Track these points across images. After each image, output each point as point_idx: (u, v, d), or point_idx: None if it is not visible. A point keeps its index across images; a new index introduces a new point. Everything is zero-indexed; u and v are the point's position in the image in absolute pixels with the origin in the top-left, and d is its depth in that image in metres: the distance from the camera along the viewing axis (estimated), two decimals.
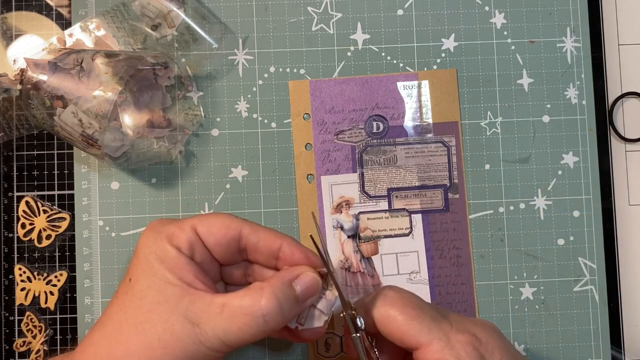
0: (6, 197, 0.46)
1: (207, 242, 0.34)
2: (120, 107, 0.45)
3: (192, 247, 0.34)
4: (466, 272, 0.46)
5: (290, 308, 0.33)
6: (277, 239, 0.35)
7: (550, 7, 0.48)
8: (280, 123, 0.47)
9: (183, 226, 0.34)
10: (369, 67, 0.47)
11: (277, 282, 0.33)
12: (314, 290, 0.34)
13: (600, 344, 0.46)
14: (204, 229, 0.34)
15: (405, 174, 0.47)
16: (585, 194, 0.47)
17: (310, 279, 0.34)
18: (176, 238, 0.34)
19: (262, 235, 0.35)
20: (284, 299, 0.32)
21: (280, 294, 0.32)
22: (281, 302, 0.32)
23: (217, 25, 0.47)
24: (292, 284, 0.34)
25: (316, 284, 0.34)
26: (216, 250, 0.35)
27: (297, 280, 0.34)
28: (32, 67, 0.42)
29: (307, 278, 0.34)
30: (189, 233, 0.34)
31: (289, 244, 0.35)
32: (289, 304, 0.33)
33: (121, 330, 0.33)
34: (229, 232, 0.35)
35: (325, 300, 0.35)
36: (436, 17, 0.48)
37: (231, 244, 0.35)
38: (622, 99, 0.49)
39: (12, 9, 0.47)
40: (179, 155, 0.47)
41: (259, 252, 0.35)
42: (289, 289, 0.33)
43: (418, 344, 0.33)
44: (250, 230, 0.35)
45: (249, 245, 0.35)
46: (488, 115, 0.47)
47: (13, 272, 0.46)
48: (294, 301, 0.33)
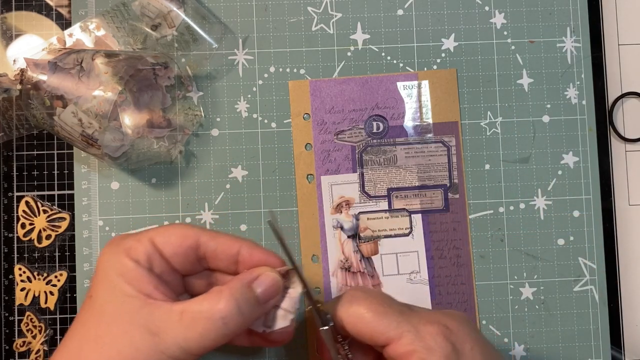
0: (6, 197, 0.46)
1: (165, 252, 0.34)
2: (120, 107, 0.45)
3: (150, 258, 0.34)
4: (466, 272, 0.46)
5: (251, 310, 0.33)
6: (235, 243, 0.35)
7: (550, 7, 0.48)
8: (280, 123, 0.47)
9: (140, 239, 0.34)
10: (369, 67, 0.47)
11: (236, 285, 0.33)
12: (275, 290, 0.34)
13: (600, 344, 0.46)
14: (161, 240, 0.34)
15: (405, 174, 0.47)
16: (585, 194, 0.47)
17: (270, 279, 0.34)
18: (134, 251, 0.34)
19: (220, 241, 0.35)
20: (242, 301, 0.32)
21: (238, 296, 0.32)
22: (240, 303, 0.32)
23: (217, 25, 0.47)
24: (252, 285, 0.33)
25: (276, 284, 0.34)
26: (175, 260, 0.35)
27: (256, 282, 0.34)
28: (32, 67, 0.42)
29: (267, 278, 0.34)
30: (147, 245, 0.34)
31: (247, 247, 0.35)
32: (248, 305, 0.33)
33: (81, 347, 0.33)
34: (186, 241, 0.35)
35: (289, 298, 0.34)
36: (436, 17, 0.48)
37: (189, 253, 0.35)
38: (622, 99, 0.49)
39: (12, 9, 0.47)
40: (179, 155, 0.47)
41: (218, 258, 0.35)
42: (248, 290, 0.33)
43: (388, 339, 0.33)
44: (208, 237, 0.35)
45: (208, 253, 0.35)
46: (488, 115, 0.47)
47: (13, 272, 0.46)
48: (254, 302, 0.33)
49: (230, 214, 0.46)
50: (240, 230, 0.46)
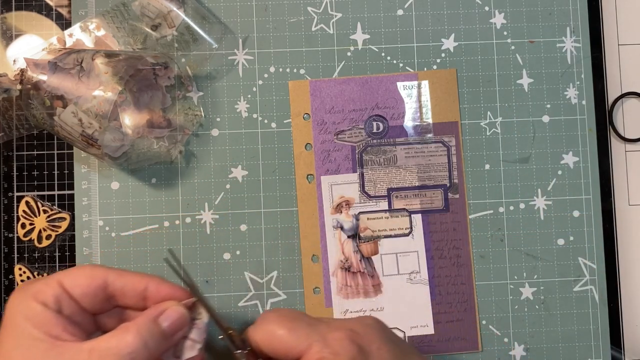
0: (6, 197, 0.46)
1: (74, 294, 0.35)
2: (120, 107, 0.45)
3: (59, 300, 0.34)
4: (466, 272, 0.46)
5: (157, 344, 0.34)
6: (142, 280, 0.36)
7: (550, 7, 0.48)
8: (280, 123, 0.47)
9: (48, 282, 0.35)
10: (369, 67, 0.47)
11: (142, 320, 0.34)
12: (181, 323, 0.35)
13: (600, 344, 0.46)
14: (69, 282, 0.35)
15: (405, 174, 0.47)
16: (585, 194, 0.47)
17: (176, 313, 0.35)
18: (42, 294, 0.34)
19: (127, 280, 0.36)
20: (148, 336, 0.33)
21: (144, 331, 0.33)
22: (146, 338, 0.33)
23: (217, 25, 0.47)
24: (158, 320, 0.34)
25: (182, 317, 0.35)
26: (84, 300, 0.35)
27: (162, 316, 0.35)
28: (32, 67, 0.42)
29: (173, 313, 0.35)
30: (55, 288, 0.34)
31: (154, 283, 0.36)
32: (154, 340, 0.33)
33: None
34: (94, 281, 0.35)
35: (196, 329, 0.36)
36: (436, 17, 0.48)
37: (98, 293, 0.35)
38: (622, 99, 0.49)
39: (12, 9, 0.47)
40: (179, 155, 0.47)
41: (126, 296, 0.36)
42: (154, 325, 0.34)
43: (300, 352, 0.34)
44: (115, 276, 0.36)
45: (116, 291, 0.36)
46: (488, 115, 0.47)
47: (13, 272, 0.46)
48: (161, 337, 0.34)
49: (230, 214, 0.46)
50: (240, 230, 0.46)
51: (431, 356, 0.46)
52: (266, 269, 0.46)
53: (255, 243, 0.46)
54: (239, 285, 0.46)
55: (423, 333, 0.46)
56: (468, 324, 0.46)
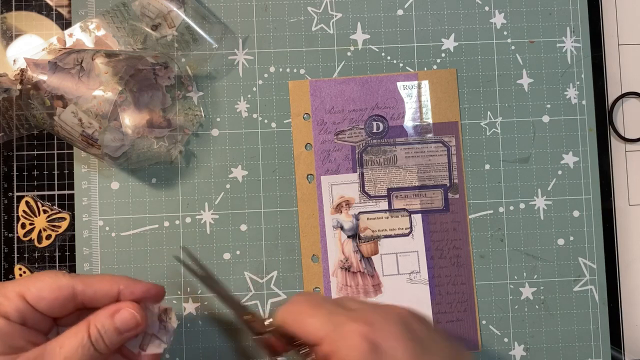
0: (6, 197, 0.46)
1: (39, 307, 0.35)
2: (120, 107, 0.45)
3: (22, 314, 0.34)
4: (466, 272, 0.46)
5: (112, 338, 0.35)
6: (113, 284, 0.37)
7: (550, 7, 0.48)
8: (280, 123, 0.47)
9: (8, 294, 0.34)
10: (369, 67, 0.47)
11: (100, 316, 0.36)
12: (133, 323, 0.36)
13: (600, 344, 0.46)
14: (32, 295, 0.35)
15: (405, 174, 0.47)
16: (585, 194, 0.47)
17: (127, 314, 0.36)
18: (3, 307, 0.34)
19: (97, 287, 0.36)
20: (104, 330, 0.35)
21: (100, 326, 0.35)
22: (102, 332, 0.35)
23: (217, 25, 0.47)
24: (114, 317, 0.36)
25: (133, 317, 0.36)
26: (50, 311, 0.35)
27: (117, 315, 0.36)
28: (32, 67, 0.42)
29: (125, 313, 0.36)
30: (16, 301, 0.34)
31: (126, 286, 0.37)
32: (109, 333, 0.35)
33: None
34: (61, 293, 0.35)
35: (165, 331, 0.38)
36: (436, 17, 0.48)
37: (66, 304, 0.36)
38: (622, 99, 0.49)
39: (12, 9, 0.47)
40: (179, 155, 0.47)
41: (99, 302, 0.36)
42: (110, 321, 0.36)
43: (317, 339, 0.34)
44: (83, 285, 0.36)
45: (86, 300, 0.36)
46: (488, 115, 0.47)
47: (13, 272, 0.46)
48: (115, 332, 0.35)
49: (230, 214, 0.46)
50: (240, 230, 0.46)
51: None
52: (266, 269, 0.46)
53: (255, 243, 0.46)
54: (239, 285, 0.46)
55: None
56: (468, 324, 0.46)
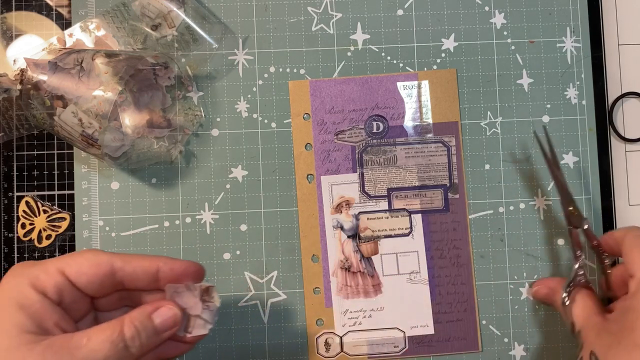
0: (6, 197, 0.46)
1: (78, 283, 0.34)
2: (120, 107, 0.45)
3: (60, 291, 0.33)
4: (466, 272, 0.46)
5: (149, 338, 0.34)
6: (152, 262, 0.36)
7: (550, 7, 0.48)
8: (280, 123, 0.47)
9: (48, 269, 0.33)
10: (369, 67, 0.47)
11: (137, 314, 0.34)
12: (173, 322, 0.35)
13: None
14: (73, 271, 0.34)
15: (405, 174, 0.47)
16: (585, 194, 0.47)
17: (168, 312, 0.35)
18: (41, 282, 0.33)
19: (136, 264, 0.35)
20: (142, 328, 0.34)
21: (138, 324, 0.34)
22: (139, 330, 0.34)
23: (217, 25, 0.47)
24: (152, 316, 0.35)
25: (173, 317, 0.35)
26: (89, 288, 0.34)
27: (156, 313, 0.35)
28: (32, 67, 0.42)
29: (166, 311, 0.35)
30: (56, 276, 0.33)
31: (165, 264, 0.36)
32: (147, 333, 0.34)
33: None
34: (101, 269, 0.34)
35: (208, 311, 0.37)
36: (436, 17, 0.48)
37: (105, 281, 0.35)
38: (622, 99, 0.49)
39: (12, 9, 0.47)
40: (179, 155, 0.47)
41: (138, 280, 0.35)
42: (148, 320, 0.34)
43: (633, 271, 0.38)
44: (123, 262, 0.35)
45: (125, 277, 0.35)
46: (488, 115, 0.47)
47: None
48: (152, 331, 0.34)
49: (230, 214, 0.46)
50: (240, 230, 0.46)
51: (431, 356, 0.46)
52: (266, 269, 0.46)
53: (255, 243, 0.46)
54: (239, 285, 0.46)
55: (423, 333, 0.46)
56: (468, 324, 0.46)
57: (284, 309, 0.46)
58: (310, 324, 0.46)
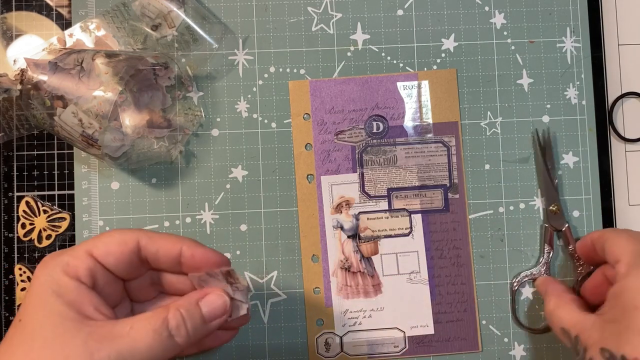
0: (6, 197, 0.46)
1: (107, 263, 0.33)
2: (120, 107, 0.45)
3: (92, 273, 0.33)
4: (466, 272, 0.46)
5: (197, 327, 0.33)
6: (176, 244, 0.35)
7: (550, 7, 0.48)
8: (280, 123, 0.47)
9: (77, 254, 0.33)
10: (369, 67, 0.47)
11: (183, 302, 0.34)
12: (221, 310, 0.34)
13: None
14: (100, 252, 0.33)
15: (405, 174, 0.47)
16: (585, 194, 0.47)
17: (217, 299, 0.34)
18: (73, 268, 0.32)
19: (161, 243, 0.35)
20: (188, 317, 0.33)
21: (185, 312, 0.33)
22: (185, 319, 0.33)
23: (217, 26, 0.47)
24: (199, 303, 0.34)
25: (223, 303, 0.34)
26: (118, 268, 0.34)
27: (203, 300, 0.34)
28: (32, 67, 0.42)
29: (214, 298, 0.34)
30: (86, 260, 0.33)
31: (188, 247, 0.35)
32: (193, 321, 0.33)
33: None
34: (127, 247, 0.34)
35: (240, 292, 0.35)
36: (436, 17, 0.48)
37: (132, 259, 0.34)
38: (622, 99, 0.49)
39: (12, 9, 0.47)
40: (179, 155, 0.47)
41: (160, 260, 0.35)
42: (195, 308, 0.33)
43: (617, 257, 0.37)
44: (148, 239, 0.34)
45: (149, 255, 0.34)
46: (488, 115, 0.47)
47: (13, 272, 0.46)
48: (200, 320, 0.33)
49: (230, 214, 0.46)
50: (240, 230, 0.46)
51: (431, 356, 0.46)
52: (266, 269, 0.46)
53: (255, 243, 0.46)
54: None
55: (423, 333, 0.46)
56: (468, 324, 0.46)
57: (284, 309, 0.46)
58: (310, 324, 0.46)
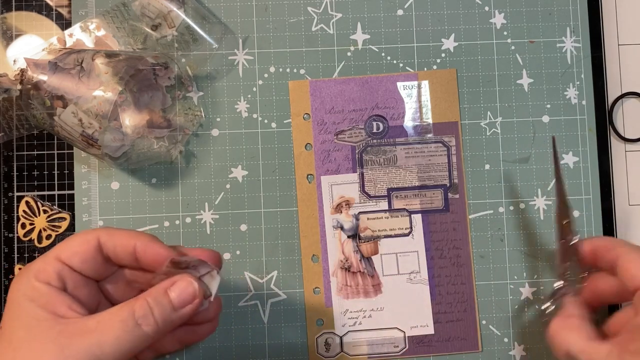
0: (6, 197, 0.46)
1: (73, 264, 0.34)
2: (120, 107, 0.45)
3: (61, 276, 0.34)
4: (466, 272, 0.46)
5: (166, 314, 0.33)
6: (131, 239, 0.35)
7: (550, 7, 0.48)
8: (280, 123, 0.47)
9: (47, 259, 0.34)
10: (369, 67, 0.47)
11: (151, 290, 0.34)
12: (190, 296, 0.34)
13: None
14: (66, 254, 0.34)
15: (405, 174, 0.47)
16: (585, 194, 0.47)
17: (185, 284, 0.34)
18: (43, 273, 0.33)
19: (117, 239, 0.35)
20: (155, 304, 0.33)
21: (152, 300, 0.33)
22: (152, 307, 0.33)
23: (217, 26, 0.47)
24: (167, 290, 0.34)
25: (192, 289, 0.34)
26: (85, 267, 0.34)
27: (171, 287, 0.34)
28: (32, 67, 0.42)
29: (182, 284, 0.34)
30: (54, 264, 0.34)
31: (141, 243, 0.35)
32: (162, 309, 0.33)
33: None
34: (89, 245, 0.34)
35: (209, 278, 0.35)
36: (436, 17, 0.48)
37: (96, 257, 0.35)
38: (622, 99, 0.49)
39: (12, 9, 0.47)
40: (179, 155, 0.47)
41: (119, 256, 0.35)
42: (163, 295, 0.33)
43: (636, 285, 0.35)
44: (107, 236, 0.35)
45: (109, 252, 0.35)
46: (488, 115, 0.47)
47: (13, 272, 0.46)
48: (169, 308, 0.33)
49: (230, 214, 0.46)
50: (240, 230, 0.46)
51: (431, 356, 0.46)
52: (266, 269, 0.46)
53: (255, 243, 0.46)
54: (239, 285, 0.46)
55: (423, 333, 0.46)
56: (468, 324, 0.46)
57: (284, 309, 0.46)
58: (310, 324, 0.46)
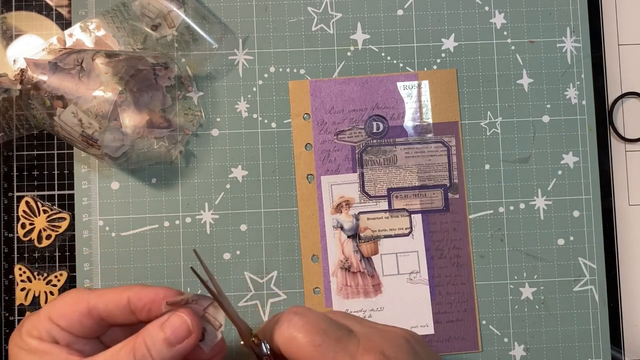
0: (6, 197, 0.46)
1: (62, 325, 0.34)
2: (120, 107, 0.45)
3: (51, 334, 0.34)
4: (466, 272, 0.46)
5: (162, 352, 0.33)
6: (122, 293, 0.35)
7: (550, 7, 0.48)
8: (280, 123, 0.47)
9: (39, 317, 0.34)
10: (369, 67, 0.47)
11: (147, 328, 0.34)
12: (184, 330, 0.34)
13: (600, 344, 0.46)
14: (55, 314, 0.34)
15: (405, 174, 0.47)
16: (585, 194, 0.47)
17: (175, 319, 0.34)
18: (35, 330, 0.34)
19: (108, 299, 0.35)
20: (151, 343, 0.33)
21: (148, 339, 0.33)
22: (148, 345, 0.33)
23: (217, 25, 0.47)
24: (162, 327, 0.34)
25: (183, 323, 0.34)
26: (73, 329, 0.34)
27: (165, 323, 0.34)
28: (32, 67, 0.42)
29: (173, 319, 0.34)
30: (45, 323, 0.34)
31: (134, 293, 0.35)
32: (157, 347, 0.33)
33: None
34: (77, 308, 0.34)
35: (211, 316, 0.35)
36: (436, 17, 0.48)
37: (83, 320, 0.34)
38: (622, 99, 0.49)
39: (12, 9, 0.47)
40: (179, 155, 0.47)
41: (113, 315, 0.35)
42: (157, 331, 0.34)
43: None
44: (97, 298, 0.35)
45: (102, 313, 0.35)
46: (488, 115, 0.47)
47: (13, 272, 0.46)
48: (165, 345, 0.33)
49: (230, 214, 0.46)
50: (240, 230, 0.46)
51: None
52: (266, 269, 0.46)
53: (255, 243, 0.46)
54: (239, 285, 0.46)
55: (423, 333, 0.46)
56: (468, 324, 0.46)
57: (284, 309, 0.46)
58: None
